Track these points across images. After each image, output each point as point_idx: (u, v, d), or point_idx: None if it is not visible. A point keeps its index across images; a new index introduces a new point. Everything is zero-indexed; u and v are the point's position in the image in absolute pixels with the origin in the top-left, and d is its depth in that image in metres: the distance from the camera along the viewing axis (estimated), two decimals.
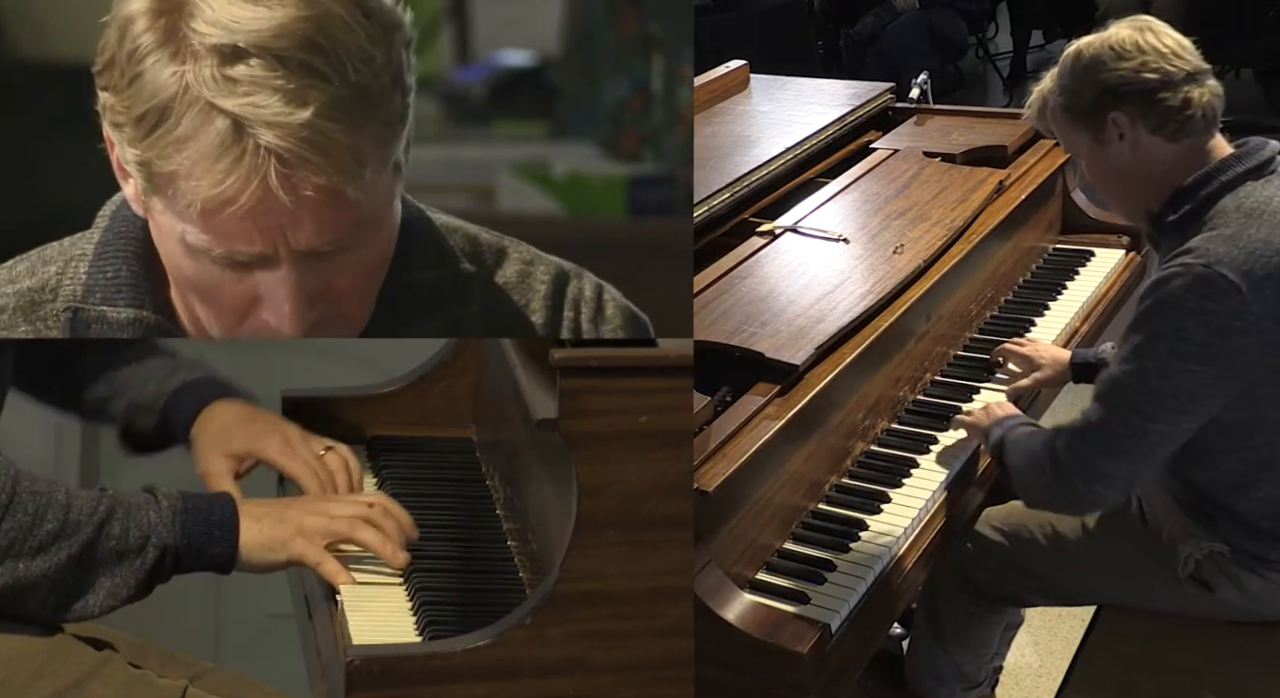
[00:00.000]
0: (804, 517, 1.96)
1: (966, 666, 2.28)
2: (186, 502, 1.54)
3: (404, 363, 2.01)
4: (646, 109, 2.63)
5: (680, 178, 2.58)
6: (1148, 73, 1.82)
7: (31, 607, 1.48)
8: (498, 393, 1.85)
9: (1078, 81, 1.88)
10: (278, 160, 1.22)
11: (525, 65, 2.81)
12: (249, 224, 1.26)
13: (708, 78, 3.04)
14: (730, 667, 1.70)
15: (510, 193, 2.63)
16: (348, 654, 1.44)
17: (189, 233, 1.28)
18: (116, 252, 1.42)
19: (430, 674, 1.45)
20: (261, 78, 1.22)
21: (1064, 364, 2.31)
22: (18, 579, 1.44)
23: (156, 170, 1.26)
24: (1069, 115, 1.92)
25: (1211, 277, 1.74)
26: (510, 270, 1.51)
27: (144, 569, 1.50)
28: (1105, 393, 1.84)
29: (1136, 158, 1.88)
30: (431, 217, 1.50)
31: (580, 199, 2.60)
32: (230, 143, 1.22)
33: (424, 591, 1.60)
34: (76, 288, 1.42)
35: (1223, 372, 1.78)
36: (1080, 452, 1.84)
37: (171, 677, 1.63)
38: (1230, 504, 1.91)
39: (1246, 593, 1.94)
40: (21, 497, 1.44)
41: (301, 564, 1.59)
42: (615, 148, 2.64)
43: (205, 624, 2.74)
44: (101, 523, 1.47)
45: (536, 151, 2.67)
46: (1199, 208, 1.84)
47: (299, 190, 1.24)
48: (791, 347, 1.99)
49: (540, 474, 1.64)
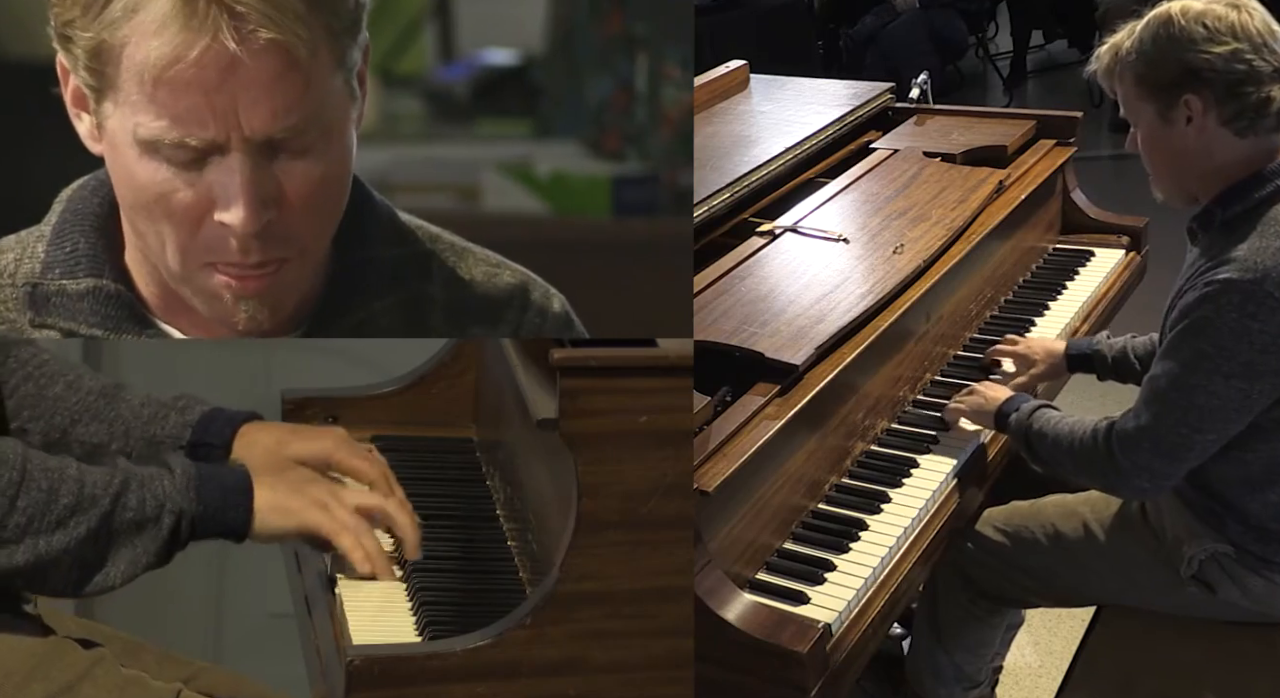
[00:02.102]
0: (804, 517, 1.96)
1: (967, 666, 2.28)
2: (200, 470, 1.54)
3: (404, 363, 2.01)
4: (630, 108, 2.63)
5: (665, 177, 2.58)
6: (1238, 63, 1.77)
7: (54, 582, 1.47)
8: (498, 393, 1.85)
9: (1161, 52, 1.81)
10: (229, 14, 1.25)
11: (509, 64, 2.80)
12: (200, 99, 1.28)
13: (708, 78, 3.04)
14: (730, 667, 1.69)
15: (494, 192, 2.62)
16: (348, 654, 1.44)
17: (141, 125, 1.30)
18: (73, 227, 1.44)
19: (430, 674, 1.45)
20: None
21: (1059, 356, 2.31)
22: (39, 556, 1.44)
23: (108, 50, 1.28)
24: (1141, 84, 1.85)
25: (1258, 294, 1.72)
26: (477, 270, 1.52)
27: (161, 538, 1.49)
28: (1153, 401, 1.84)
29: (1199, 145, 1.83)
30: (394, 211, 1.52)
31: (565, 198, 2.60)
32: (181, 3, 1.25)
33: (424, 591, 1.60)
34: (35, 265, 1.43)
35: (1270, 386, 1.78)
36: (1136, 455, 1.84)
37: (166, 677, 1.62)
38: (1241, 505, 1.91)
39: (1249, 594, 1.94)
40: (34, 474, 1.44)
41: (316, 531, 1.58)
42: (599, 147, 2.63)
43: (205, 624, 2.75)
44: (117, 494, 1.47)
45: (520, 151, 2.67)
46: (1251, 210, 1.81)
47: (249, 44, 1.26)
48: (791, 347, 1.99)
49: (540, 474, 1.64)
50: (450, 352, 1.98)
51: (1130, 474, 1.85)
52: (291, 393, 1.95)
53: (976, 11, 7.27)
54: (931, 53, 6.64)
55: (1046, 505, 2.14)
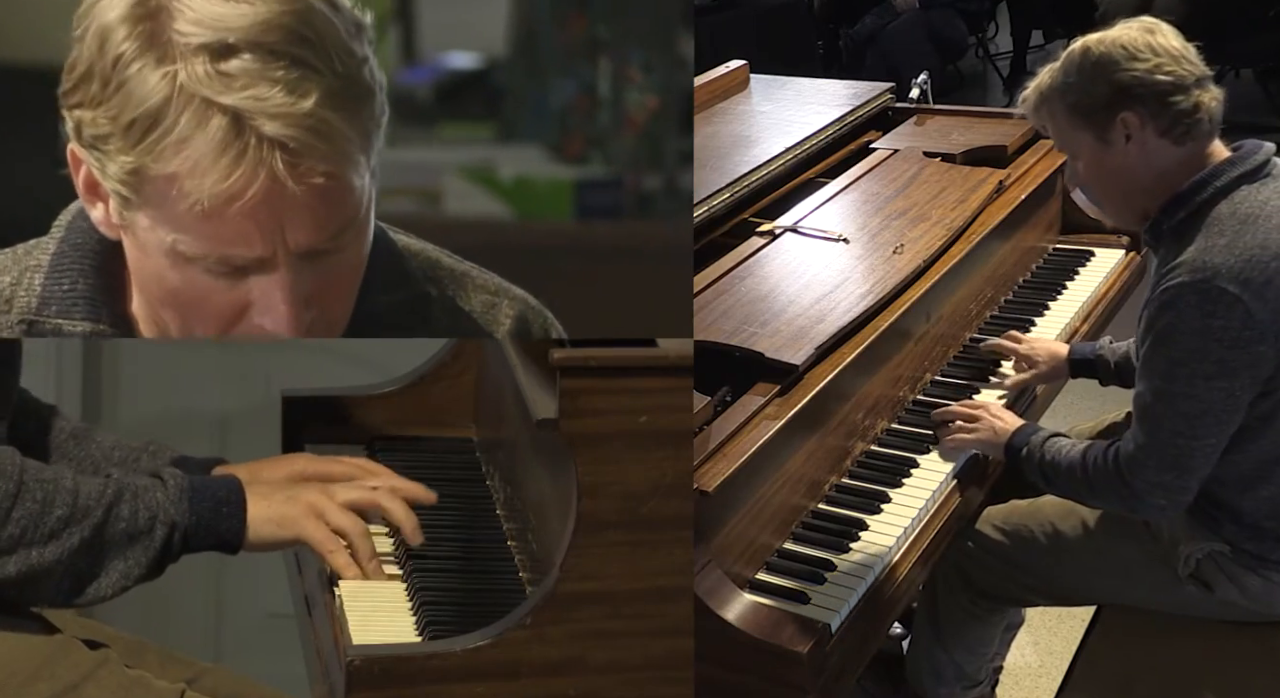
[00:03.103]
0: (804, 517, 1.96)
1: (967, 665, 2.28)
2: (193, 481, 1.54)
3: (404, 363, 2.01)
4: (593, 112, 2.63)
5: (629, 181, 2.57)
6: (1161, 75, 1.82)
7: (45, 593, 1.48)
8: (498, 393, 1.85)
9: (1087, 79, 1.86)
10: (283, 151, 1.22)
11: (471, 67, 2.80)
12: (250, 224, 1.25)
13: (708, 78, 3.04)
14: (730, 667, 1.70)
15: (457, 196, 2.62)
16: (348, 654, 1.44)
17: (182, 241, 1.26)
18: (72, 263, 1.40)
19: (430, 674, 1.45)
20: (257, 71, 1.22)
21: (1061, 360, 2.31)
22: (31, 567, 1.44)
23: (151, 176, 1.24)
24: (1074, 113, 1.90)
25: (1211, 292, 1.74)
26: (476, 300, 1.50)
27: (154, 549, 1.49)
28: (1143, 418, 1.85)
29: (1140, 160, 1.87)
30: (393, 237, 1.49)
31: (527, 202, 2.59)
32: (232, 138, 1.22)
33: (424, 590, 1.60)
34: (31, 300, 1.39)
35: (1249, 379, 1.78)
36: (1145, 474, 1.84)
37: (170, 678, 1.62)
38: (1234, 504, 1.91)
39: (1247, 593, 1.94)
40: (29, 485, 1.44)
41: (308, 543, 1.58)
42: (562, 150, 2.64)
43: (205, 624, 2.75)
44: (110, 506, 1.47)
45: (483, 154, 2.66)
46: (1195, 213, 1.84)
47: (307, 179, 1.24)
48: (791, 347, 1.99)
49: (540, 474, 1.64)
50: (450, 352, 1.98)
51: (1145, 494, 1.85)
52: (291, 393, 1.95)
53: (976, 11, 7.26)
54: (931, 53, 6.63)
55: (1045, 505, 2.14)
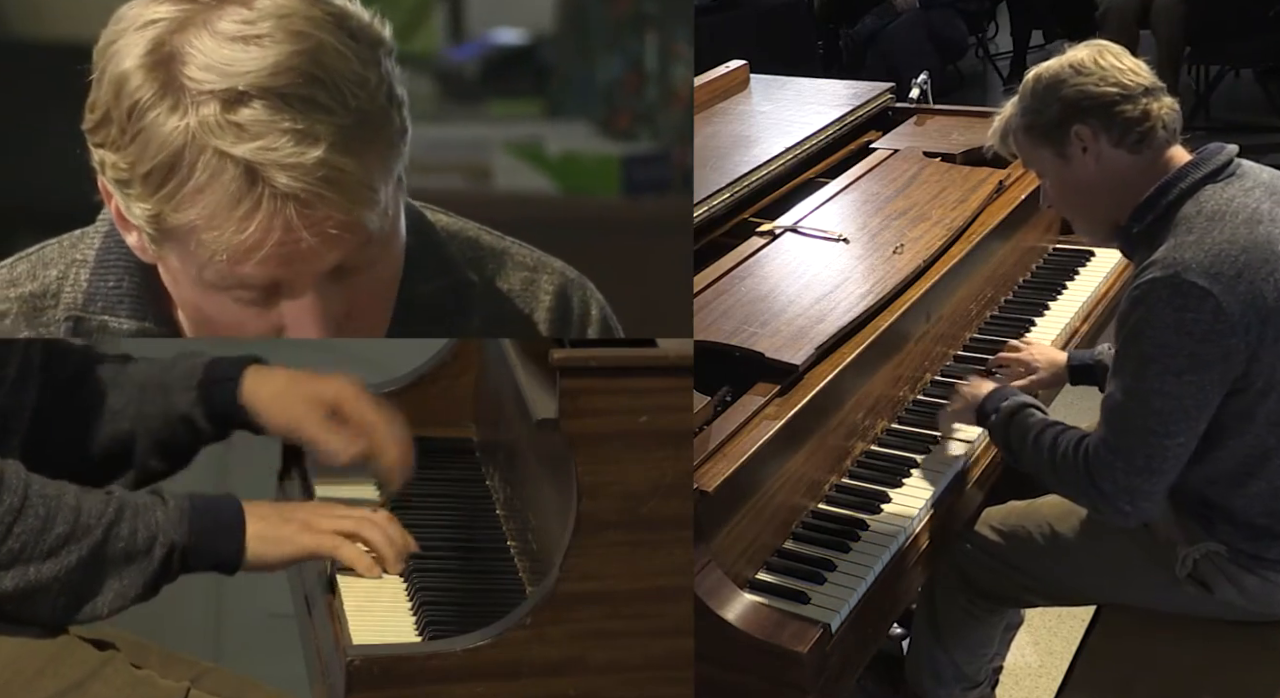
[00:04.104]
0: (804, 517, 1.96)
1: (966, 665, 2.28)
2: (193, 501, 1.54)
3: (404, 363, 2.01)
4: (641, 88, 2.63)
5: (676, 156, 2.58)
6: (1107, 86, 1.87)
7: (41, 610, 1.48)
8: (498, 393, 1.85)
9: (1039, 100, 1.93)
10: (296, 202, 1.22)
11: (519, 44, 2.80)
12: (270, 264, 1.25)
13: (708, 78, 3.04)
14: (730, 667, 1.70)
15: (505, 172, 2.61)
16: (348, 654, 1.44)
17: (208, 272, 1.27)
18: (118, 260, 1.42)
19: (430, 674, 1.45)
20: (267, 120, 1.21)
21: (1060, 366, 2.32)
22: (29, 583, 1.45)
23: (169, 223, 1.25)
24: (1031, 134, 1.96)
25: (1182, 286, 1.75)
26: (515, 278, 1.51)
27: (151, 569, 1.50)
28: (1115, 419, 1.84)
29: (1100, 170, 1.91)
30: (431, 219, 1.49)
31: (575, 178, 2.60)
32: (246, 190, 1.21)
33: (424, 591, 1.60)
34: (78, 295, 1.41)
35: (1220, 374, 1.78)
36: (1113, 476, 1.84)
37: (173, 678, 1.63)
38: (1225, 502, 1.91)
39: (1245, 593, 1.95)
40: (32, 500, 1.44)
41: (313, 557, 1.59)
42: (610, 126, 2.64)
43: (205, 624, 2.74)
44: (110, 524, 1.48)
45: (531, 130, 2.66)
46: (1162, 216, 1.87)
47: (321, 228, 1.23)
48: (791, 347, 1.99)
49: (540, 474, 1.64)
50: (450, 351, 1.98)
51: (1112, 497, 1.85)
52: None
53: (976, 11, 7.26)
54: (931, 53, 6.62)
55: (1043, 506, 2.14)
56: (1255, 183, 1.88)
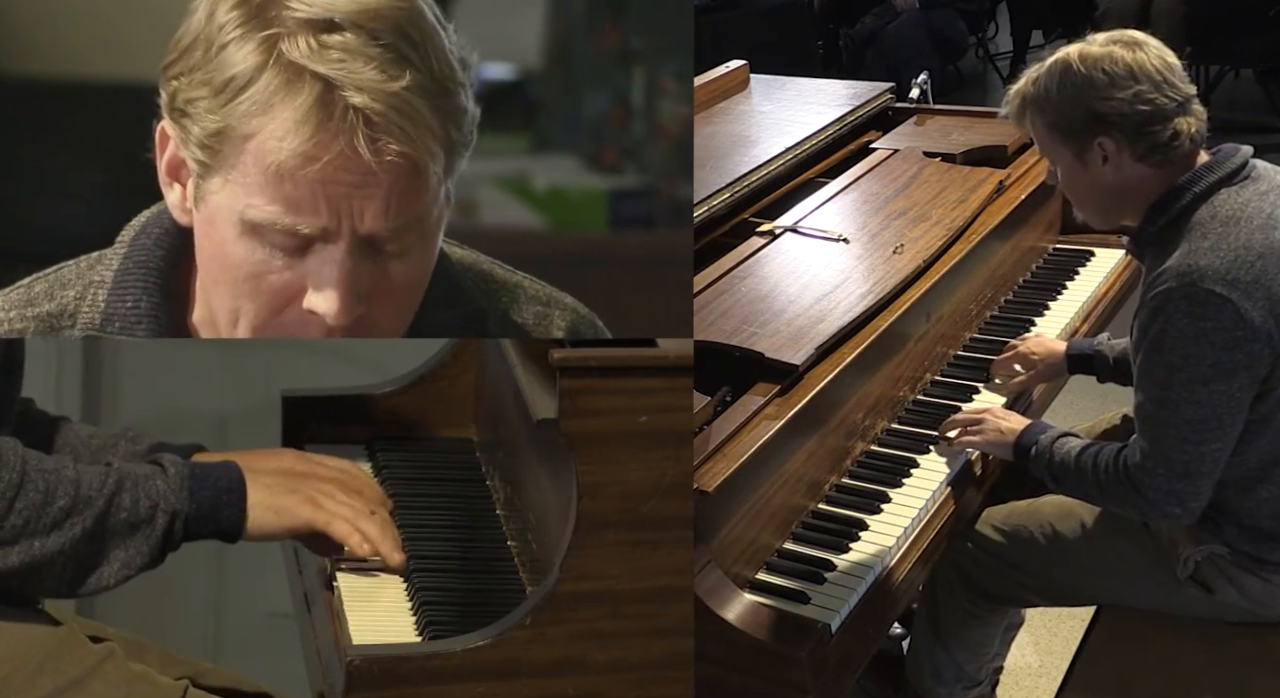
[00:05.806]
0: (804, 517, 1.96)
1: (967, 665, 2.28)
2: (194, 469, 1.54)
3: (404, 363, 2.01)
4: (627, 122, 2.63)
5: (662, 190, 2.58)
6: (1141, 105, 1.82)
7: (48, 583, 1.48)
8: (498, 393, 1.85)
9: (1066, 100, 1.87)
10: (365, 123, 1.25)
11: (506, 78, 2.80)
12: (320, 191, 1.27)
13: (708, 78, 3.04)
14: (730, 667, 1.70)
15: (492, 206, 2.62)
16: (348, 654, 1.44)
17: (253, 207, 1.28)
18: (136, 281, 1.42)
19: (430, 674, 1.45)
20: (356, 47, 1.25)
21: (1059, 357, 2.31)
22: (34, 557, 1.45)
23: (233, 135, 1.27)
24: (1053, 132, 1.92)
25: (1200, 295, 1.75)
26: (528, 311, 1.52)
27: (155, 538, 1.50)
28: (1149, 428, 1.85)
29: (1118, 179, 1.89)
30: (446, 250, 1.50)
31: (562, 212, 2.60)
32: (319, 105, 1.25)
33: (424, 590, 1.60)
34: (95, 316, 1.42)
35: (1247, 378, 1.78)
36: (1156, 482, 1.84)
37: (172, 676, 1.63)
38: (1233, 506, 1.91)
39: (1246, 595, 1.94)
40: (31, 475, 1.44)
41: (310, 531, 1.58)
42: (596, 161, 2.64)
43: (205, 624, 2.75)
44: (111, 495, 1.48)
45: (518, 165, 2.66)
46: (1176, 219, 1.85)
47: (382, 155, 1.26)
48: (791, 347, 1.99)
49: (540, 474, 1.64)
50: (450, 351, 1.98)
51: (1159, 503, 1.85)
52: (291, 393, 1.95)
53: (976, 11, 7.26)
54: (931, 53, 6.63)
55: (1044, 506, 2.14)
56: (1270, 186, 1.86)
